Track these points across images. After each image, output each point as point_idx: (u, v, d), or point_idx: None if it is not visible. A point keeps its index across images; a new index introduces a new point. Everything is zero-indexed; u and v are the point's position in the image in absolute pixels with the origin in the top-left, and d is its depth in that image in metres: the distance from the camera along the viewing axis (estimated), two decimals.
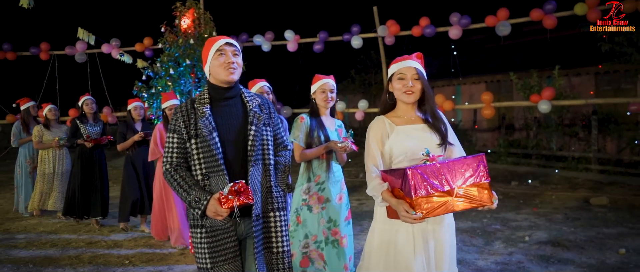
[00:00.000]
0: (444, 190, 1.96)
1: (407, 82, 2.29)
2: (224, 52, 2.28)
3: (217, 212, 2.09)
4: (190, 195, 2.16)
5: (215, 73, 2.29)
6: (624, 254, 4.52)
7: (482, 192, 2.02)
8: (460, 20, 8.26)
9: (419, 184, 1.92)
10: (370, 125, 2.37)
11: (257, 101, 2.39)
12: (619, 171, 9.29)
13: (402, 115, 2.37)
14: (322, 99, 3.47)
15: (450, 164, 1.98)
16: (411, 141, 2.25)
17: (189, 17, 9.15)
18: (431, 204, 1.94)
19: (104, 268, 4.44)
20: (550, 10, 7.62)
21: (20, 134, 7.05)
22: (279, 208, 2.34)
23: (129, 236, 5.60)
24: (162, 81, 8.73)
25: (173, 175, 2.24)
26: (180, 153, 2.26)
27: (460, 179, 1.98)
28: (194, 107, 2.27)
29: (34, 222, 6.44)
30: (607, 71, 12.94)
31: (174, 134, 2.27)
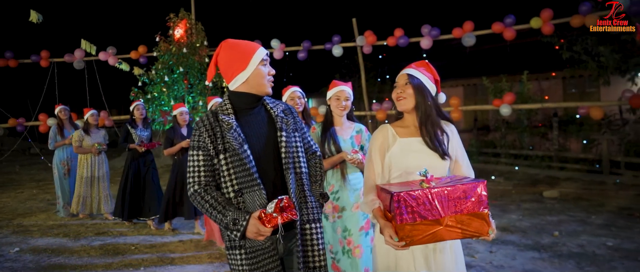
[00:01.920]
0: (433, 219, 1.82)
1: (397, 90, 2.19)
2: (267, 63, 2.16)
3: (260, 233, 1.93)
4: (226, 217, 1.97)
5: (256, 83, 2.11)
6: (557, 236, 5.34)
7: (478, 222, 1.86)
8: (430, 32, 9.08)
9: (405, 209, 1.80)
10: (375, 133, 2.24)
11: (280, 107, 2.23)
12: (576, 168, 10.17)
13: (408, 125, 2.22)
14: (335, 106, 3.38)
15: (444, 191, 1.82)
16: (411, 157, 2.11)
17: (182, 28, 9.87)
18: (416, 232, 1.81)
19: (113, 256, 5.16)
20: (510, 23, 8.46)
21: (56, 137, 7.15)
22: (315, 219, 2.18)
23: (133, 228, 6.30)
24: (157, 87, 9.43)
25: (203, 196, 2.04)
26: (209, 171, 2.06)
27: (454, 207, 1.83)
28: (217, 119, 2.08)
29: (43, 216, 7.11)
30: (572, 76, 13.87)
31: (198, 151, 2.07)
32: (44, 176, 12.31)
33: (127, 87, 10.29)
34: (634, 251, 4.74)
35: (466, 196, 1.84)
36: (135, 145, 6.18)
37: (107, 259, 4.94)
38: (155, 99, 9.59)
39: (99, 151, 6.73)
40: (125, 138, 6.31)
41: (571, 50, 10.33)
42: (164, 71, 9.55)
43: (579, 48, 10.10)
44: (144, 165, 6.34)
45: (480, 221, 1.86)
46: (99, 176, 6.85)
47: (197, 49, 9.72)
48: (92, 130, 6.83)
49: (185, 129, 5.79)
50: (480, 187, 1.85)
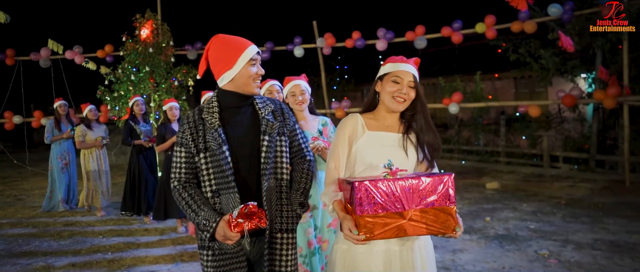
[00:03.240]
0: (396, 211, 1.72)
1: (401, 88, 2.01)
2: (257, 63, 2.07)
3: (226, 237, 1.91)
4: (198, 216, 1.97)
5: (242, 83, 2.04)
6: (488, 221, 5.98)
7: (444, 217, 1.76)
8: (385, 35, 9.68)
9: (365, 201, 1.70)
10: (342, 121, 2.11)
11: (270, 107, 2.14)
12: (520, 162, 10.95)
13: (380, 118, 2.10)
14: (292, 102, 3.28)
15: (409, 182, 1.73)
16: (378, 151, 2.00)
17: (148, 28, 10.17)
18: (378, 225, 1.71)
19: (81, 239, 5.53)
20: (457, 28, 9.13)
21: (53, 131, 7.15)
22: (288, 229, 2.09)
23: (100, 219, 6.65)
24: (123, 86, 9.73)
25: (181, 193, 2.04)
26: (189, 168, 2.06)
27: (419, 200, 1.74)
28: (202, 117, 2.06)
29: (12, 210, 7.37)
30: (523, 76, 14.77)
31: (181, 148, 2.06)
32: (8, 174, 12.39)
33: (93, 86, 10.54)
34: (549, 232, 5.40)
35: (432, 189, 1.74)
36: (142, 141, 6.21)
37: (76, 246, 5.30)
38: (122, 97, 9.87)
39: (103, 144, 6.80)
40: (129, 134, 6.32)
41: (517, 53, 11.09)
42: (130, 70, 9.84)
43: (524, 51, 10.86)
44: (147, 160, 6.37)
45: (446, 216, 1.76)
46: (103, 171, 6.93)
47: (163, 49, 10.04)
48: (93, 125, 6.90)
49: (176, 124, 5.72)
50: (447, 181, 1.76)
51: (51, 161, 7.23)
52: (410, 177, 1.77)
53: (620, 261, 4.37)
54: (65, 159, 7.25)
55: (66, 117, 7.38)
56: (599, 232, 5.32)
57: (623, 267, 4.20)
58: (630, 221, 5.76)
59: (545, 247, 4.85)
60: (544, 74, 11.00)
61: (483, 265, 4.38)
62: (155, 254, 4.92)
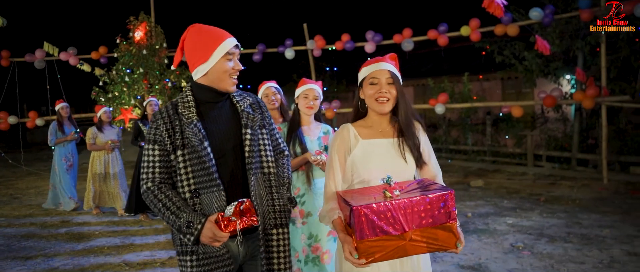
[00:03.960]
0: (396, 233, 1.68)
1: (380, 88, 1.95)
2: (233, 58, 1.95)
3: (215, 238, 1.78)
4: (180, 218, 1.81)
5: (216, 78, 1.93)
6: (469, 217, 6.26)
7: (445, 234, 1.73)
8: (374, 37, 9.96)
9: (365, 225, 1.65)
10: (335, 134, 2.06)
11: (247, 101, 2.05)
12: (505, 161, 11.27)
13: (372, 125, 2.04)
14: (303, 104, 3.23)
15: (408, 203, 1.68)
16: (375, 160, 1.95)
17: (142, 30, 10.38)
18: (378, 248, 1.68)
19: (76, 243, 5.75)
20: (443, 31, 9.41)
21: (56, 133, 7.18)
22: (282, 224, 2.02)
23: (97, 218, 6.86)
24: (117, 87, 9.93)
25: (157, 195, 1.87)
26: (164, 167, 1.90)
27: (419, 220, 1.69)
28: (177, 112, 1.92)
29: (8, 209, 7.56)
30: (509, 77, 15.11)
31: (154, 146, 1.90)
32: (3, 173, 12.52)
33: (87, 87, 10.74)
34: (526, 226, 5.69)
35: (432, 207, 1.70)
36: (143, 144, 6.14)
37: (72, 243, 5.51)
38: (116, 98, 10.08)
39: (112, 148, 6.80)
40: (137, 135, 6.32)
41: (502, 55, 11.40)
42: (124, 71, 10.05)
43: (508, 53, 11.17)
44: None
45: (447, 234, 1.73)
46: (113, 173, 6.89)
47: (156, 51, 10.26)
48: (105, 128, 6.89)
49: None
50: (447, 198, 1.71)
51: (55, 162, 7.30)
52: (409, 195, 1.72)
53: (589, 252, 4.66)
54: (69, 160, 7.30)
55: (68, 119, 7.44)
56: (573, 227, 5.61)
57: (591, 258, 4.48)
58: (603, 216, 6.05)
59: (521, 240, 5.12)
60: (529, 76, 11.32)
61: (460, 256, 4.64)
62: (151, 249, 5.14)
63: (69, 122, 7.41)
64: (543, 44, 8.14)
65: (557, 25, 9.24)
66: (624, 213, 6.17)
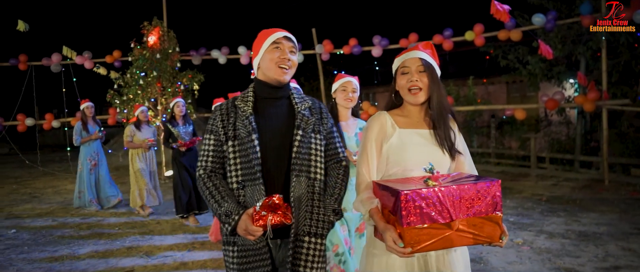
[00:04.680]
0: (444, 222, 1.62)
1: (410, 77, 1.89)
2: (281, 47, 1.98)
3: (248, 231, 1.80)
4: (221, 207, 1.87)
5: (265, 68, 1.99)
6: None
7: (491, 226, 1.67)
8: (380, 42, 10.23)
9: (413, 212, 1.59)
10: (370, 120, 1.99)
11: (307, 104, 2.07)
12: (510, 163, 11.50)
13: (408, 115, 1.98)
14: (342, 97, 3.21)
15: (456, 190, 1.62)
16: (413, 150, 1.88)
17: (155, 35, 10.72)
18: (425, 236, 1.60)
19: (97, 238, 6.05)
20: (448, 36, 9.68)
21: (81, 133, 7.30)
22: (318, 234, 1.94)
23: (113, 213, 7.17)
24: (133, 90, 10.26)
25: (206, 182, 1.95)
26: (217, 157, 1.98)
27: (466, 209, 1.63)
28: (234, 105, 2.01)
29: (29, 206, 7.89)
30: (514, 81, 15.34)
31: (210, 135, 2.00)
32: (19, 174, 12.88)
33: (101, 90, 11.09)
34: (527, 224, 5.93)
35: (479, 196, 1.64)
36: (175, 145, 6.19)
37: (95, 236, 5.81)
38: (130, 101, 10.41)
39: (149, 146, 6.91)
40: (168, 137, 6.34)
41: (506, 59, 11.65)
42: (138, 75, 10.38)
43: (512, 57, 11.42)
44: (189, 161, 6.32)
45: (493, 225, 1.66)
46: (152, 171, 7.05)
47: (169, 55, 10.59)
48: (142, 126, 6.99)
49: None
50: (495, 188, 1.66)
51: (80, 162, 7.43)
52: (457, 183, 1.65)
53: (585, 247, 4.90)
54: (94, 159, 7.42)
55: (93, 118, 7.59)
56: (572, 225, 5.85)
57: (587, 253, 4.73)
58: (601, 215, 6.29)
59: (521, 237, 5.37)
60: (532, 79, 11.56)
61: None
62: (170, 243, 5.44)
63: (93, 121, 7.55)
64: (546, 48, 8.38)
65: (559, 30, 9.48)
66: (621, 212, 6.40)
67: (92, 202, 7.37)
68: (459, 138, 1.98)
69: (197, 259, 4.78)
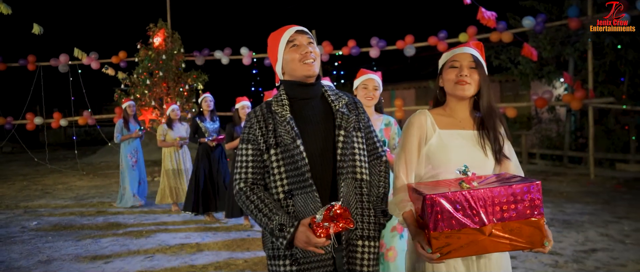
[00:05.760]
0: (475, 226, 1.53)
1: (460, 71, 1.81)
2: (297, 43, 1.87)
3: (310, 242, 1.68)
4: (272, 221, 1.75)
5: (290, 70, 1.88)
6: None
7: (530, 231, 1.55)
8: (378, 43, 10.67)
9: (439, 216, 1.52)
10: (410, 119, 1.92)
11: (343, 100, 1.94)
12: None
13: (451, 114, 1.90)
14: (363, 95, 3.12)
15: (487, 193, 1.53)
16: (453, 152, 1.81)
17: (160, 36, 11.12)
18: (454, 242, 1.53)
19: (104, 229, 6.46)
20: (443, 37, 10.12)
21: (122, 130, 7.45)
22: (371, 237, 1.85)
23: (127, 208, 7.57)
24: (140, 89, 10.67)
25: (249, 196, 1.83)
26: (257, 168, 1.86)
27: (500, 213, 1.54)
28: (271, 110, 1.89)
29: (43, 202, 8.28)
30: (507, 80, 15.79)
31: (248, 145, 1.87)
32: (27, 171, 13.25)
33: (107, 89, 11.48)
34: None
35: (515, 199, 1.53)
36: (206, 140, 6.31)
37: (113, 226, 6.22)
38: (138, 100, 10.80)
39: (181, 144, 7.00)
40: (196, 132, 6.42)
41: (499, 59, 12.11)
42: (147, 74, 10.78)
43: (505, 57, 11.89)
44: (214, 159, 6.42)
45: (532, 230, 1.54)
46: (185, 169, 7.11)
47: (174, 56, 10.99)
48: (174, 125, 7.07)
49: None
50: (533, 189, 1.54)
51: (122, 159, 7.59)
52: (489, 186, 1.56)
53: (568, 234, 5.35)
54: (134, 156, 7.56)
55: (133, 117, 7.76)
56: (557, 214, 6.30)
57: (568, 238, 5.17)
58: (585, 206, 6.75)
59: None
60: (524, 79, 12.02)
61: None
62: (185, 230, 5.85)
63: (133, 120, 7.72)
64: (531, 50, 8.83)
65: (548, 32, 9.93)
66: (604, 203, 6.87)
67: (136, 198, 7.51)
68: (507, 142, 1.88)
69: (213, 241, 5.20)
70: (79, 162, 13.84)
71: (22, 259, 4.89)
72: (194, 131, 6.43)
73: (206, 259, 4.75)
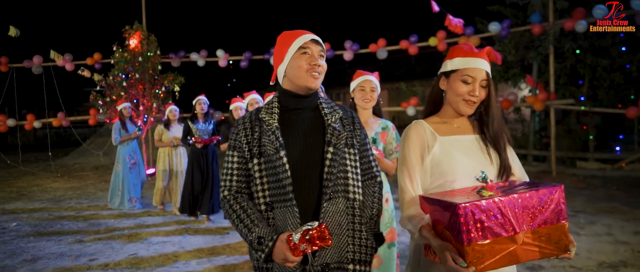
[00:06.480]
0: (507, 235, 1.46)
1: (473, 90, 1.74)
2: (309, 52, 1.79)
3: (287, 259, 1.63)
4: (252, 232, 1.70)
5: (294, 77, 1.79)
6: None
7: (557, 237, 1.52)
8: (351, 46, 11.00)
9: (474, 226, 1.43)
10: (407, 131, 1.85)
11: (337, 114, 1.86)
12: None
13: (449, 120, 1.85)
14: (360, 97, 3.02)
15: (517, 199, 1.48)
16: (457, 159, 1.75)
17: (136, 38, 11.20)
18: (488, 253, 1.45)
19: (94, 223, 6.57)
20: (413, 41, 10.51)
21: (120, 132, 7.33)
22: (361, 261, 1.77)
23: (106, 209, 7.67)
24: (116, 91, 10.73)
25: (232, 205, 1.78)
26: (242, 176, 1.81)
27: (530, 220, 1.49)
28: (259, 118, 1.82)
29: (20, 203, 8.30)
30: None
31: (234, 152, 1.82)
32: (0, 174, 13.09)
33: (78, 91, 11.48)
34: None
35: (542, 204, 1.50)
36: (191, 141, 6.30)
37: (94, 227, 6.33)
38: (113, 102, 10.85)
39: (174, 145, 6.94)
40: (187, 133, 6.42)
41: None
42: (123, 76, 10.84)
43: None
44: (205, 160, 6.41)
45: (559, 235, 1.52)
46: (180, 171, 7.04)
47: (149, 58, 11.09)
48: (172, 125, 7.04)
49: None
50: (558, 194, 1.52)
51: (119, 161, 7.48)
52: (517, 192, 1.51)
53: None
54: (133, 158, 7.49)
55: (130, 118, 7.64)
56: None
57: None
58: None
59: None
60: None
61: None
62: (166, 230, 6.03)
63: (130, 121, 7.63)
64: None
65: (513, 37, 10.43)
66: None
67: (133, 201, 7.46)
68: (509, 147, 1.85)
69: (194, 244, 5.41)
70: (52, 164, 13.73)
71: (7, 259, 4.99)
72: (185, 133, 6.46)
73: (189, 253, 4.95)
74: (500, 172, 1.77)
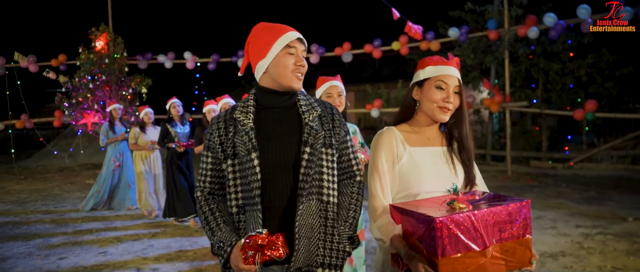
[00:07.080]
0: (478, 249, 1.47)
1: (448, 96, 1.75)
2: (294, 52, 1.72)
3: (239, 267, 1.58)
4: (214, 236, 1.69)
5: (277, 75, 1.72)
6: None
7: (522, 250, 1.55)
8: (317, 50, 11.28)
9: (448, 239, 1.43)
10: (378, 137, 1.84)
11: (316, 112, 1.78)
12: None
13: (419, 131, 1.85)
14: None
15: (488, 213, 1.50)
16: (424, 171, 1.76)
17: (102, 40, 11.19)
18: (460, 266, 1.46)
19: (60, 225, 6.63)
20: (377, 45, 10.87)
21: (108, 133, 7.30)
22: (332, 265, 1.70)
23: (75, 208, 7.70)
24: (82, 93, 10.70)
25: (202, 206, 1.77)
26: (216, 177, 1.78)
27: (498, 234, 1.51)
28: (233, 117, 1.76)
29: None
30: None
31: (208, 153, 1.78)
32: None
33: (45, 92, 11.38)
34: None
35: (511, 218, 1.54)
36: (173, 146, 6.17)
37: (62, 229, 6.39)
38: (79, 104, 10.82)
39: (153, 148, 6.86)
40: (165, 137, 6.32)
41: None
42: (89, 78, 10.82)
43: None
44: (185, 164, 6.34)
45: (523, 249, 1.56)
46: (156, 174, 7.01)
47: (116, 59, 11.10)
48: (147, 128, 6.93)
49: None
50: (526, 209, 1.56)
51: (105, 162, 7.45)
52: (488, 206, 1.53)
53: None
54: (118, 160, 7.40)
55: (120, 120, 7.58)
56: None
57: None
58: None
59: None
60: None
61: None
62: (134, 232, 6.15)
63: (119, 122, 7.56)
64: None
65: (471, 42, 10.93)
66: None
67: (103, 204, 7.43)
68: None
69: (162, 243, 5.57)
70: (15, 166, 13.50)
71: None
72: (163, 136, 6.34)
73: (158, 252, 5.12)
74: (466, 184, 1.80)
